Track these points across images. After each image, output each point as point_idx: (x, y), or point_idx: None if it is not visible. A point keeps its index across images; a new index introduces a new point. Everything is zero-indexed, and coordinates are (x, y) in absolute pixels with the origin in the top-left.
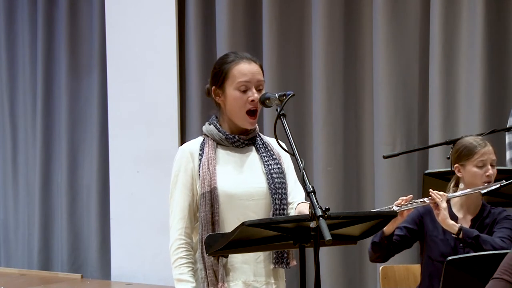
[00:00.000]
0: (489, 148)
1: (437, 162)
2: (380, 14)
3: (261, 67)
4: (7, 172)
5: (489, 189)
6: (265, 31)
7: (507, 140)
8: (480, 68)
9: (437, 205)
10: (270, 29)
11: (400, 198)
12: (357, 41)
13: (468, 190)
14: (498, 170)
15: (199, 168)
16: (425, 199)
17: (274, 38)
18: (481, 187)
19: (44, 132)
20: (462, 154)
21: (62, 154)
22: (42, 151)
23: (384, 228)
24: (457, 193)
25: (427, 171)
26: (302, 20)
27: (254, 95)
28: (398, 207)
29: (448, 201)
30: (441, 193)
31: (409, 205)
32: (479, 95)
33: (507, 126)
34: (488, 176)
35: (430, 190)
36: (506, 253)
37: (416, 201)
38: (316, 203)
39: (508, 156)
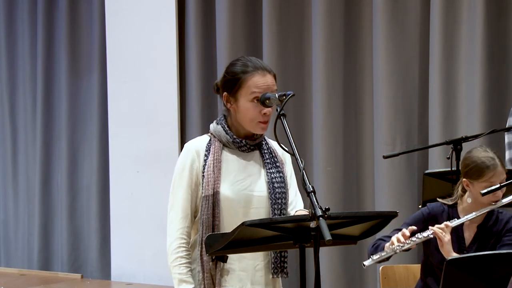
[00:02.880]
0: (499, 169)
1: (437, 162)
2: (380, 14)
3: (274, 76)
4: (7, 172)
5: (493, 208)
6: (265, 31)
7: (506, 140)
8: (480, 68)
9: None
10: (270, 29)
11: (402, 233)
12: (357, 41)
13: (473, 213)
14: None
15: (204, 169)
16: (429, 233)
17: (274, 38)
18: (486, 208)
19: (44, 132)
20: (471, 172)
21: (62, 154)
22: (42, 151)
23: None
24: (460, 220)
25: (427, 171)
26: (302, 20)
27: (266, 108)
28: (401, 246)
29: (455, 205)
30: (443, 226)
31: (411, 242)
32: (479, 95)
33: (507, 126)
34: (496, 196)
35: (431, 227)
36: (507, 253)
37: (418, 236)
38: (316, 203)
39: (507, 156)
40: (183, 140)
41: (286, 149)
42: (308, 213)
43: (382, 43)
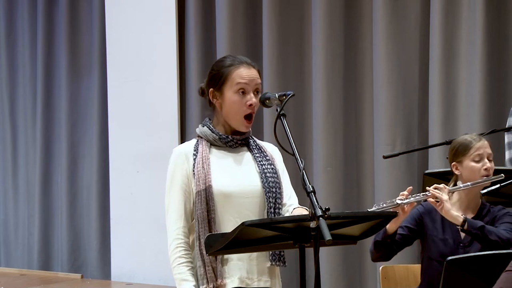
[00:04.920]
0: (484, 142)
1: (437, 162)
2: (380, 14)
3: (259, 72)
4: (7, 172)
5: (492, 180)
6: (265, 31)
7: (506, 140)
8: (480, 68)
9: (437, 200)
10: (270, 29)
11: (401, 193)
12: (357, 41)
13: (468, 183)
14: (497, 170)
15: (194, 168)
16: (427, 193)
17: (274, 38)
18: (482, 180)
19: (44, 132)
20: (458, 151)
21: (62, 154)
22: (42, 151)
23: (387, 226)
24: (456, 187)
25: (427, 171)
26: (302, 20)
27: (252, 99)
28: (401, 200)
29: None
30: (441, 185)
31: (411, 198)
32: (479, 95)
33: (507, 126)
34: (486, 169)
35: (428, 188)
36: (507, 253)
37: (418, 194)
38: (316, 203)
39: (507, 156)
40: (183, 140)
41: (286, 149)
42: (307, 213)
43: (382, 43)
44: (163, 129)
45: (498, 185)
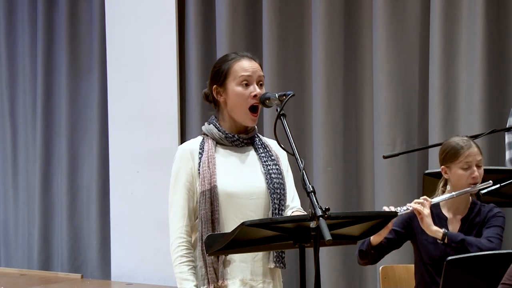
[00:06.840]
0: (474, 149)
1: (437, 162)
2: (380, 14)
3: (260, 65)
4: (7, 172)
5: (478, 188)
6: (265, 31)
7: (506, 140)
8: (480, 68)
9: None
10: (270, 29)
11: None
12: (357, 41)
13: (453, 193)
14: (497, 170)
15: (199, 167)
16: (409, 206)
17: (274, 38)
18: (468, 189)
19: (44, 132)
20: (448, 156)
21: (62, 154)
22: (42, 151)
23: (371, 238)
24: (439, 198)
25: (427, 171)
26: (302, 21)
27: (256, 89)
28: None
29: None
30: (422, 200)
31: None
32: (479, 95)
33: (507, 126)
34: (473, 178)
35: (408, 204)
36: (507, 253)
37: (402, 207)
38: (316, 203)
39: (507, 156)
40: (183, 140)
41: (286, 149)
42: (307, 213)
43: (382, 43)
44: (163, 129)
45: (498, 185)
